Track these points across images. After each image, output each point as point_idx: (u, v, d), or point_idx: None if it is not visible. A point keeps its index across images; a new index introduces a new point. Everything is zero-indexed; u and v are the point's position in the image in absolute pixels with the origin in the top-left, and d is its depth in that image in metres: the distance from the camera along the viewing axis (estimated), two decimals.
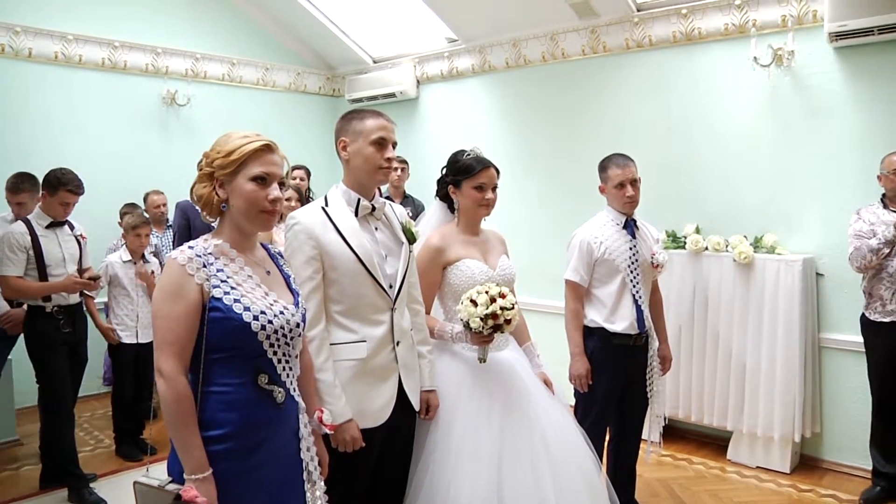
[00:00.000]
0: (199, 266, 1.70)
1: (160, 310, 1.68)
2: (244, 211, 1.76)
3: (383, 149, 2.29)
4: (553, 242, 5.09)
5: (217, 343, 1.69)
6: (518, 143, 5.60)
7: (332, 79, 7.18)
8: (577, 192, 5.05)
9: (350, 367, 2.21)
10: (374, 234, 2.34)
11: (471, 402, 2.46)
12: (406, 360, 2.33)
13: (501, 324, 2.39)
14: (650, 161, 4.52)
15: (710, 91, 4.53)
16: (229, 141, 1.78)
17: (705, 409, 4.34)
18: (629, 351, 3.15)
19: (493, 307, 2.37)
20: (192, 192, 1.82)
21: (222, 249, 1.76)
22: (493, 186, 2.66)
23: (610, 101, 5.04)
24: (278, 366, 1.77)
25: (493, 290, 2.41)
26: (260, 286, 1.78)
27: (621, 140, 4.77)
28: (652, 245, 3.26)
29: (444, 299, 2.66)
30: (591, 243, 3.15)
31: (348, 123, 2.32)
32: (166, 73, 6.00)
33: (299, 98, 6.97)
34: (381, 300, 2.27)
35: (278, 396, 1.75)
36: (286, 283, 1.91)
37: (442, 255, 2.60)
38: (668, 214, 4.65)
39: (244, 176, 1.75)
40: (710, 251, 4.33)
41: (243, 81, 6.52)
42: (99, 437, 4.79)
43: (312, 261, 2.19)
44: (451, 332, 2.53)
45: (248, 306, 1.70)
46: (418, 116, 6.39)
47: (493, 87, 5.82)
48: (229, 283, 1.72)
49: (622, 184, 3.13)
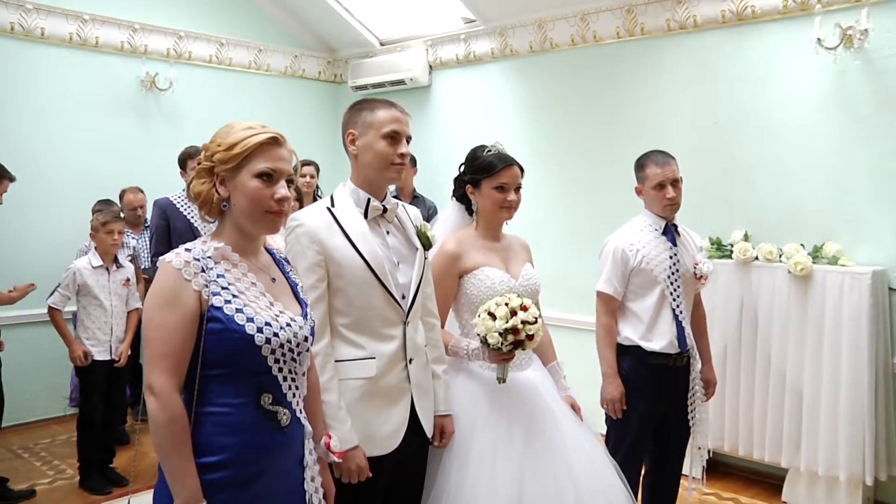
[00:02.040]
0: (196, 271, 1.70)
1: (152, 319, 1.68)
2: (248, 211, 1.77)
3: (396, 143, 2.30)
4: (582, 250, 5.10)
5: (215, 358, 1.69)
6: (543, 137, 5.60)
7: (334, 63, 7.20)
8: (610, 194, 5.05)
9: (357, 388, 2.21)
10: (386, 238, 2.35)
11: (488, 429, 2.47)
12: (419, 379, 2.34)
13: (523, 340, 2.39)
14: (694, 159, 4.48)
15: (765, 79, 4.51)
16: (231, 132, 1.79)
17: (756, 442, 4.29)
18: (668, 373, 3.15)
19: (513, 321, 2.37)
20: (189, 188, 1.83)
21: (223, 253, 1.77)
22: (516, 187, 2.67)
23: (648, 91, 5.03)
24: (284, 384, 1.77)
25: (513, 302, 2.41)
26: (265, 295, 1.79)
27: (661, 135, 4.75)
28: (695, 253, 3.26)
29: (460, 312, 2.67)
30: (627, 251, 3.15)
31: (357, 114, 2.34)
32: (145, 53, 5.96)
33: (296, 84, 6.98)
34: (392, 312, 2.28)
35: (283, 419, 1.76)
36: (293, 291, 1.92)
37: (458, 263, 2.62)
38: (714, 219, 4.62)
39: (248, 172, 1.76)
40: (760, 261, 4.31)
41: (233, 64, 6.53)
42: (60, 466, 4.73)
43: (316, 268, 2.20)
44: (467, 348, 2.54)
45: (251, 317, 1.71)
46: (430, 106, 6.40)
47: (515, 74, 5.81)
48: (230, 291, 1.72)
49: (662, 184, 3.13)
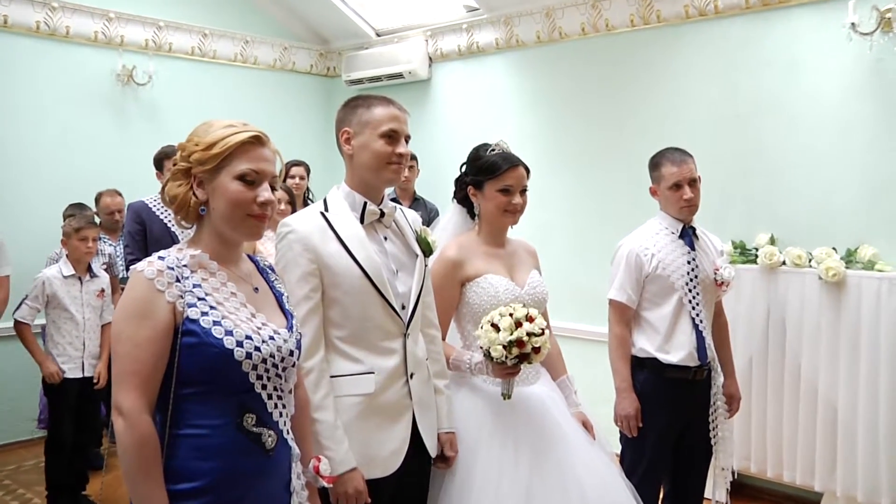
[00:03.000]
0: (171, 281, 1.69)
1: (121, 332, 1.67)
2: (227, 216, 1.77)
3: (394, 143, 2.33)
4: (593, 255, 5.09)
5: (191, 375, 1.68)
6: (551, 134, 5.61)
7: (327, 55, 7.20)
8: (624, 195, 5.05)
9: (355, 405, 2.23)
10: (383, 244, 2.38)
11: (492, 448, 2.48)
12: (421, 395, 2.36)
13: (529, 353, 2.41)
14: (714, 156, 4.49)
15: (793, 68, 4.49)
16: (210, 131, 1.79)
17: (785, 463, 4.26)
18: (687, 387, 3.15)
19: (518, 333, 2.38)
20: (164, 191, 1.83)
21: (200, 261, 1.77)
22: (521, 189, 2.70)
23: (664, 83, 5.03)
24: (268, 402, 1.76)
25: (518, 313, 2.42)
26: (246, 306, 1.79)
27: (678, 131, 4.75)
28: (715, 258, 3.27)
29: (462, 322, 2.70)
30: (641, 255, 3.17)
31: (352, 112, 2.36)
32: (121, 45, 5.94)
33: (286, 78, 6.98)
34: (391, 324, 2.30)
35: (268, 441, 1.75)
36: (277, 302, 1.92)
37: (459, 270, 2.65)
38: (736, 221, 4.62)
39: (228, 174, 1.76)
40: (788, 266, 4.29)
41: (217, 57, 6.52)
42: (25, 495, 4.70)
43: (310, 277, 2.22)
44: (470, 362, 2.56)
45: (230, 330, 1.70)
46: (430, 102, 6.42)
47: (522, 66, 5.82)
48: (208, 302, 1.72)
49: (678, 184, 3.15)
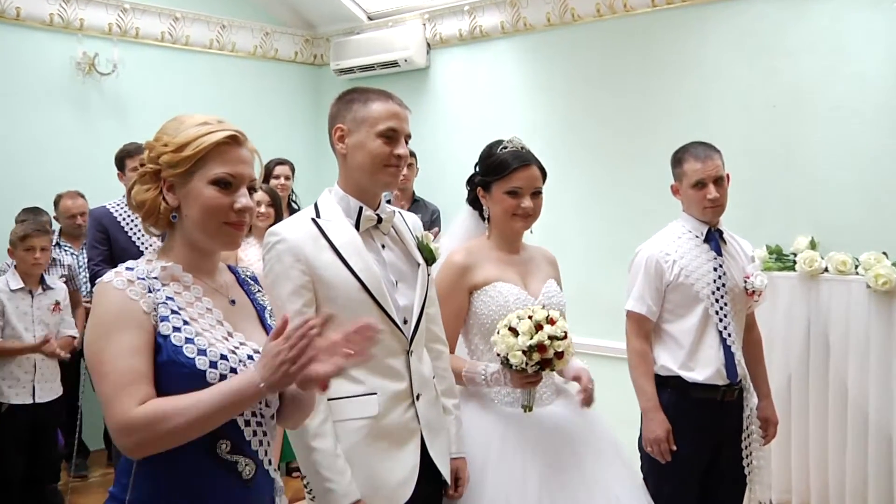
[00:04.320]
0: (143, 290, 1.71)
1: (101, 352, 1.66)
2: (202, 223, 1.78)
3: (393, 143, 2.35)
4: (612, 262, 5.03)
5: (160, 396, 1.68)
6: (563, 127, 5.59)
7: (313, 41, 7.21)
8: (646, 194, 5.02)
9: (357, 430, 2.27)
10: (381, 253, 2.41)
11: (500, 471, 2.54)
12: (429, 417, 2.40)
13: (551, 358, 2.46)
14: (745, 151, 4.49)
15: (836, 52, 4.47)
16: (181, 129, 1.79)
17: (832, 495, 4.21)
18: (716, 409, 3.16)
19: (538, 336, 2.44)
20: (130, 195, 1.83)
21: (173, 273, 1.78)
22: (533, 191, 2.74)
23: (690, 71, 5.01)
24: (246, 429, 1.77)
25: (538, 315, 2.49)
26: (222, 324, 1.80)
27: (706, 123, 4.76)
28: (745, 265, 3.28)
29: (469, 334, 2.76)
30: (661, 262, 3.20)
31: (347, 107, 2.39)
32: (81, 29, 5.89)
33: (268, 67, 6.98)
34: (393, 341, 2.34)
35: (245, 470, 1.76)
36: (259, 317, 1.94)
37: (467, 276, 2.71)
38: (772, 223, 4.61)
39: (202, 178, 1.77)
40: (831, 273, 4.27)
41: (190, 43, 6.49)
42: None
43: (303, 290, 2.25)
44: (485, 373, 2.61)
45: (203, 349, 1.71)
46: (429, 93, 6.42)
47: (530, 52, 5.82)
48: (181, 317, 1.73)
49: (702, 182, 3.16)
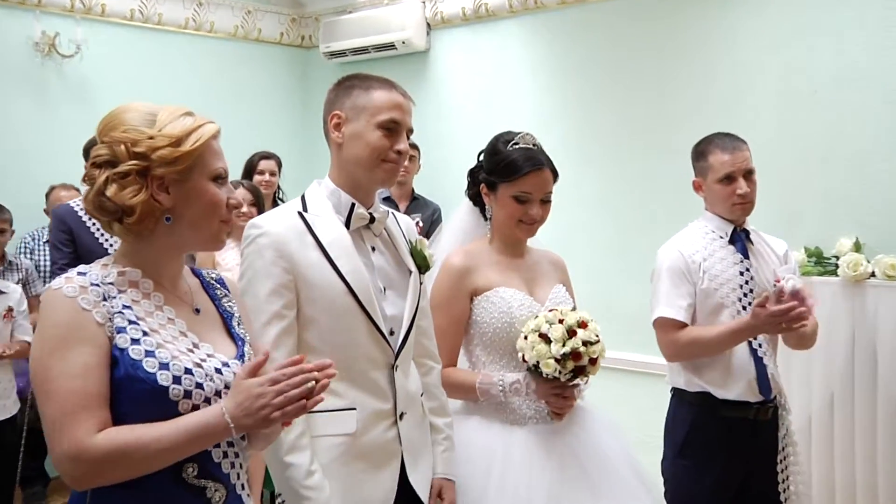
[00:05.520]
0: (97, 299, 1.71)
1: (48, 370, 1.66)
2: (202, 223, 1.82)
3: (394, 136, 2.38)
4: (633, 264, 5.04)
5: (116, 417, 1.69)
6: (578, 116, 5.59)
7: (300, 21, 7.24)
8: (667, 193, 5.01)
9: (334, 447, 2.28)
10: (370, 256, 2.42)
11: (504, 494, 2.55)
12: (413, 438, 2.42)
13: (585, 365, 2.55)
14: (783, 141, 4.51)
15: (887, 28, 4.43)
16: (165, 120, 1.79)
17: None
18: (748, 429, 3.16)
19: (572, 342, 2.51)
20: (102, 199, 1.79)
21: (131, 279, 1.78)
22: (542, 197, 2.76)
23: (719, 53, 4.99)
24: (215, 451, 1.78)
25: (570, 318, 2.55)
26: (186, 335, 1.81)
27: (736, 113, 4.73)
28: (776, 267, 3.27)
29: (469, 344, 2.80)
30: (689, 260, 3.22)
31: (346, 93, 2.41)
32: (39, 6, 5.88)
33: (250, 49, 7.00)
34: (378, 352, 2.35)
35: (215, 496, 1.77)
36: (225, 325, 1.95)
37: (468, 279, 2.74)
38: (810, 222, 4.57)
39: (202, 174, 1.80)
40: (878, 278, 4.24)
41: (163, 23, 6.49)
42: None
43: (283, 290, 2.26)
44: (503, 383, 2.65)
45: (165, 362, 1.71)
46: (429, 78, 6.44)
47: (541, 33, 5.81)
48: (140, 328, 1.73)
49: (729, 175, 3.17)
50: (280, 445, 2.18)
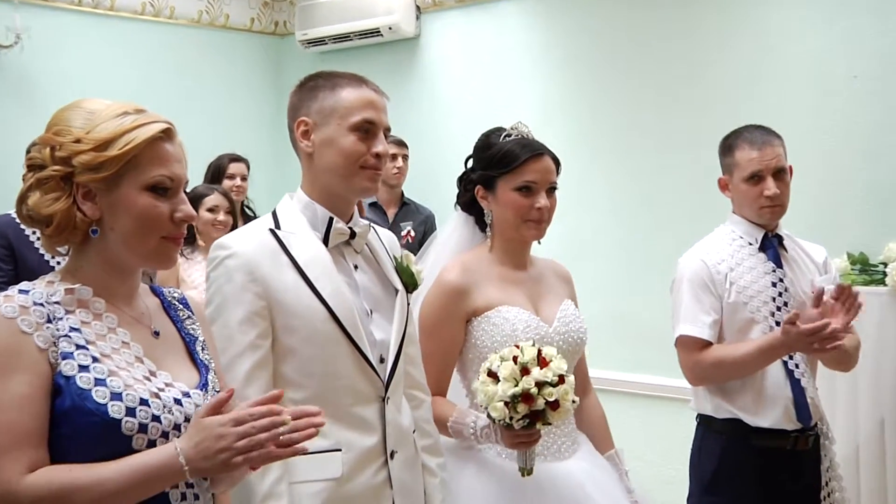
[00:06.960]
0: (40, 320, 1.70)
1: None
2: (135, 239, 1.80)
3: (371, 138, 2.38)
4: (646, 277, 5.09)
5: (62, 452, 1.68)
6: (584, 109, 5.62)
7: (273, 5, 7.31)
8: (688, 194, 5.02)
9: (316, 493, 2.26)
10: (353, 275, 2.44)
11: None
12: (405, 481, 2.41)
13: (541, 410, 2.42)
14: (820, 136, 4.53)
15: None
16: (95, 120, 1.78)
17: None
18: (786, 461, 3.17)
19: (523, 383, 2.40)
20: (25, 206, 1.81)
21: (80, 298, 1.78)
22: (548, 187, 2.76)
23: (747, 38, 5.00)
24: (173, 492, 1.78)
25: (526, 354, 2.46)
26: (143, 360, 1.81)
27: (766, 103, 4.71)
28: (814, 277, 3.27)
29: (468, 372, 2.80)
30: (713, 271, 3.21)
31: (311, 95, 2.41)
32: None
33: (216, 38, 7.03)
34: (365, 384, 2.35)
35: None
36: (188, 350, 1.95)
37: (465, 300, 2.74)
38: (853, 227, 4.58)
39: (133, 183, 1.78)
40: None
41: (116, 8, 6.49)
42: None
43: (257, 318, 2.26)
44: (475, 426, 2.60)
45: (117, 392, 1.70)
46: (418, 68, 6.48)
47: (542, 16, 5.85)
48: (90, 353, 1.72)
49: (757, 174, 3.18)
50: (253, 493, 2.15)
